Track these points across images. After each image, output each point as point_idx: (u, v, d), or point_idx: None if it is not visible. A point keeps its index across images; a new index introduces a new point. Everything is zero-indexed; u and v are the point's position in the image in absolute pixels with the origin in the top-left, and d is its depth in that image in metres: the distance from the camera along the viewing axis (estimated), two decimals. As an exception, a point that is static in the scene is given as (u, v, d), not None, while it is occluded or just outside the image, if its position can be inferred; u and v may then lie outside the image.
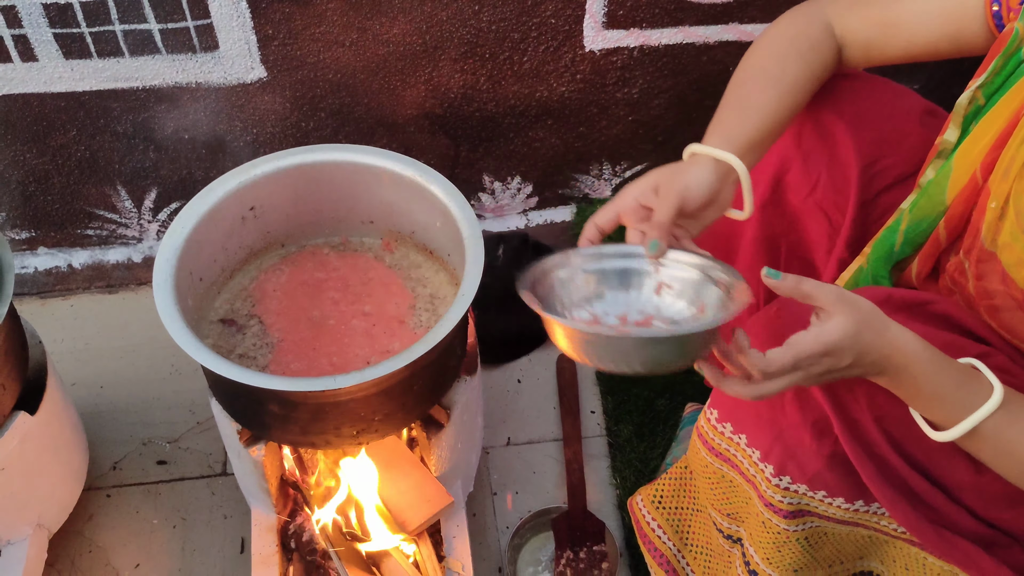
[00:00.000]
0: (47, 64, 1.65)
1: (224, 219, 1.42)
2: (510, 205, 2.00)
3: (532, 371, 1.83)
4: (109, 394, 1.80)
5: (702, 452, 1.30)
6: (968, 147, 1.19)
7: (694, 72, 1.80)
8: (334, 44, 1.68)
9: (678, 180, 1.18)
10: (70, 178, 1.82)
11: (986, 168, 1.16)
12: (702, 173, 1.19)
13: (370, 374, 1.20)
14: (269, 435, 1.36)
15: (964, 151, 1.19)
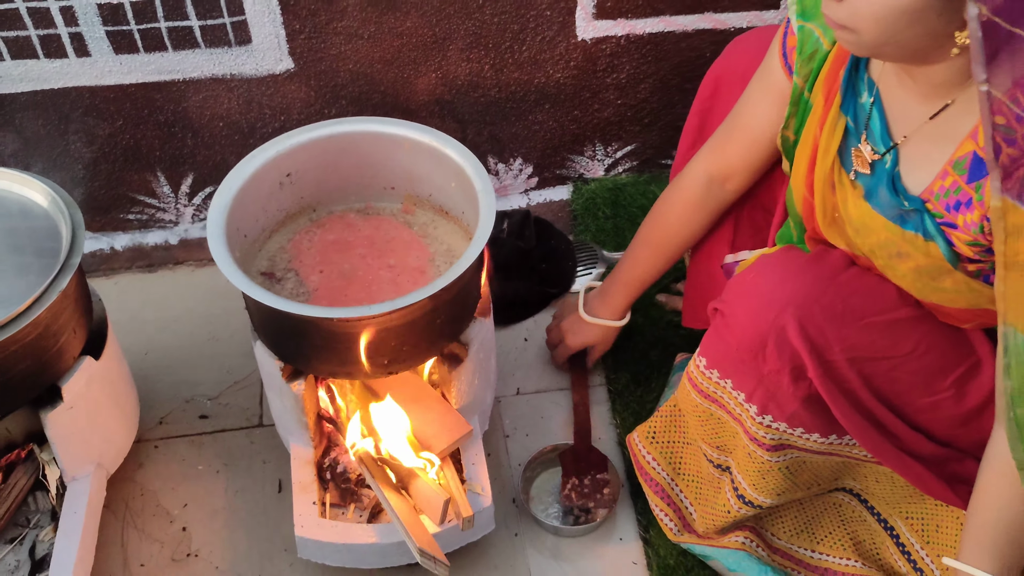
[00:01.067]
0: (99, 59, 1.84)
1: (264, 183, 1.61)
2: (512, 185, 2.20)
3: (537, 331, 2.02)
4: (153, 360, 1.98)
5: (692, 394, 1.48)
6: (796, 171, 1.43)
7: (675, 58, 2.02)
8: (354, 37, 1.88)
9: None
10: (115, 165, 2.01)
11: (809, 187, 1.40)
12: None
13: (400, 303, 1.39)
14: (310, 367, 1.55)
15: (794, 177, 1.44)
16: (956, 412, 1.36)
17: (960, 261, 1.23)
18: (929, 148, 1.22)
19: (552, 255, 2.09)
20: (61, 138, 1.94)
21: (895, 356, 1.31)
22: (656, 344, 1.93)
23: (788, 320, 1.28)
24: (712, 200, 1.64)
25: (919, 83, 1.21)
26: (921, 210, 1.23)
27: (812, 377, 1.30)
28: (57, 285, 1.44)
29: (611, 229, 2.15)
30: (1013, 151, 1.03)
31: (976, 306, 1.28)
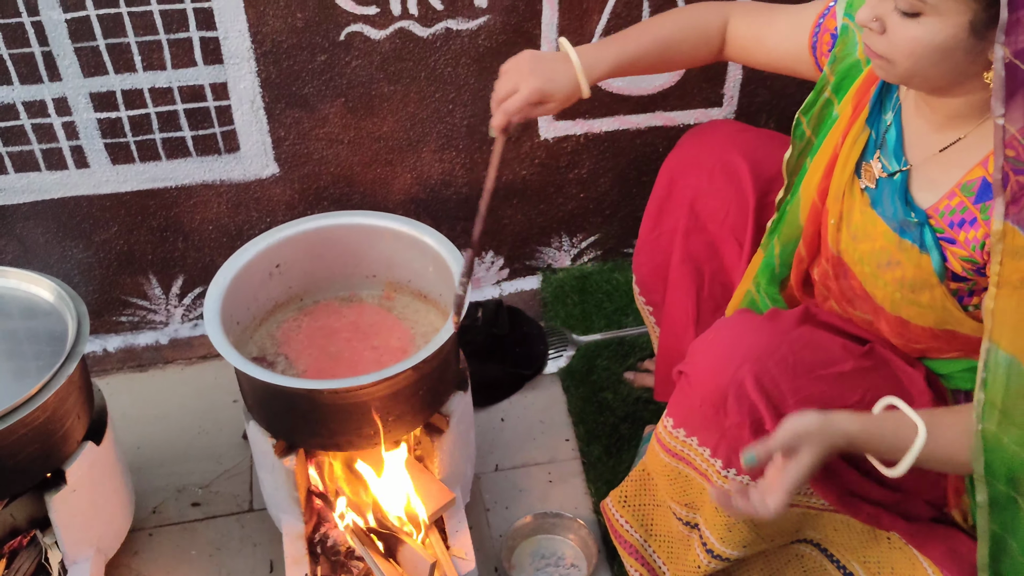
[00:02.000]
0: (97, 169, 1.99)
1: (255, 273, 1.75)
2: (485, 277, 2.34)
3: (513, 411, 2.14)
4: (146, 453, 2.07)
5: (661, 454, 1.58)
6: (809, 180, 1.56)
7: (631, 153, 2.19)
8: (335, 142, 2.04)
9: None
10: (109, 269, 2.13)
11: (822, 193, 1.53)
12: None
13: (386, 373, 1.51)
14: (302, 441, 1.65)
15: (806, 183, 1.57)
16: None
17: (946, 277, 1.34)
18: (938, 173, 1.35)
19: (525, 340, 2.22)
20: (59, 245, 2.07)
21: (845, 405, 1.40)
22: (626, 419, 2.05)
23: (746, 374, 1.38)
24: (717, 45, 1.68)
25: (936, 113, 1.35)
26: (924, 223, 1.35)
27: (769, 429, 1.37)
28: (64, 371, 1.55)
29: (579, 314, 2.28)
30: (1022, 179, 1.17)
31: (941, 325, 1.39)
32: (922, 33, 1.21)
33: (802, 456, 1.27)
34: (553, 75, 1.56)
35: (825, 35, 1.54)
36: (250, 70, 1.91)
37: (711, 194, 1.74)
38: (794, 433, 1.28)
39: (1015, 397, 1.26)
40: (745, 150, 1.73)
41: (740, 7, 1.69)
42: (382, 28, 1.91)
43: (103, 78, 1.87)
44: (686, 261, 1.79)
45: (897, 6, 1.23)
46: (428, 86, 2.00)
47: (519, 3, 1.93)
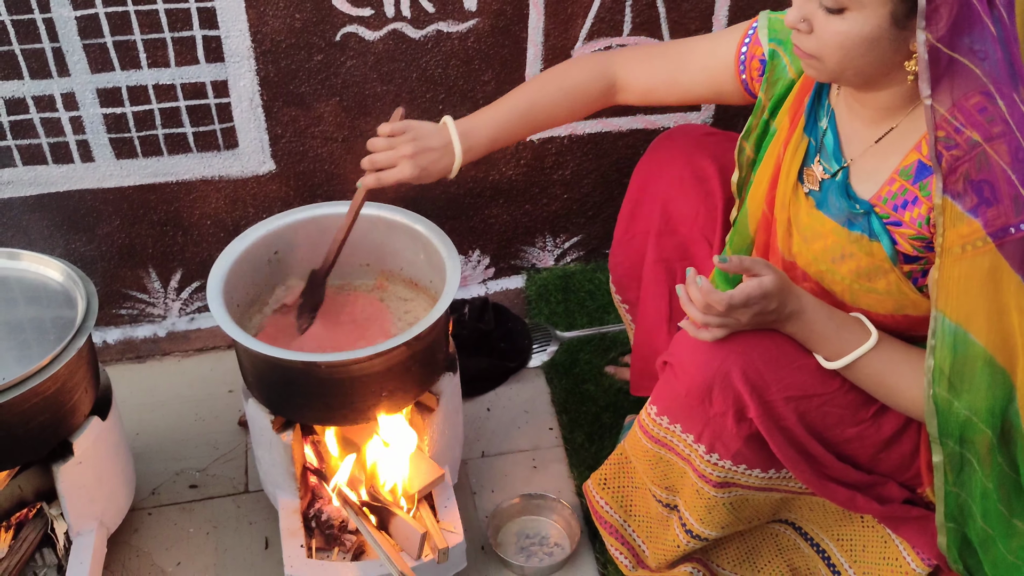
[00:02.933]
0: (101, 164, 2.07)
1: (254, 259, 1.83)
2: (472, 275, 2.43)
3: (498, 402, 2.23)
4: (144, 439, 2.14)
5: (643, 440, 1.64)
6: (755, 191, 1.67)
7: (613, 155, 2.29)
8: (330, 140, 2.13)
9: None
10: (111, 263, 2.21)
11: (770, 203, 1.64)
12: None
13: (381, 347, 1.60)
14: (299, 415, 1.73)
15: (753, 195, 1.68)
16: (877, 439, 1.55)
17: (899, 261, 1.44)
18: (876, 164, 1.46)
19: (510, 335, 2.31)
20: (63, 237, 2.15)
21: (825, 393, 1.50)
22: (607, 408, 2.14)
23: (732, 365, 1.46)
24: (601, 98, 1.81)
25: (868, 108, 1.46)
26: (870, 212, 1.45)
27: (753, 416, 1.47)
28: (75, 344, 1.63)
29: (562, 312, 2.38)
30: (956, 152, 1.28)
31: (900, 310, 1.49)
32: (848, 27, 1.32)
33: (763, 280, 1.41)
34: (428, 166, 1.68)
35: (753, 61, 1.67)
36: (250, 68, 2.00)
37: (681, 197, 1.84)
38: (765, 263, 1.42)
39: (962, 363, 1.36)
40: (713, 154, 1.83)
41: (625, 58, 1.81)
42: (376, 29, 2.01)
43: (110, 74, 1.96)
44: (659, 262, 1.89)
45: (822, 3, 1.33)
46: (419, 86, 2.10)
47: (507, 7, 2.04)
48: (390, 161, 1.67)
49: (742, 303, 1.42)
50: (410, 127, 1.69)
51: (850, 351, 1.47)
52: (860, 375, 1.49)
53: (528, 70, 2.13)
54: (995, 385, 1.36)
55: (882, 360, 1.47)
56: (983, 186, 1.29)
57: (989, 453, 1.40)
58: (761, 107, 1.66)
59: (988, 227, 1.29)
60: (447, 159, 1.69)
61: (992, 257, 1.30)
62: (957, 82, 1.27)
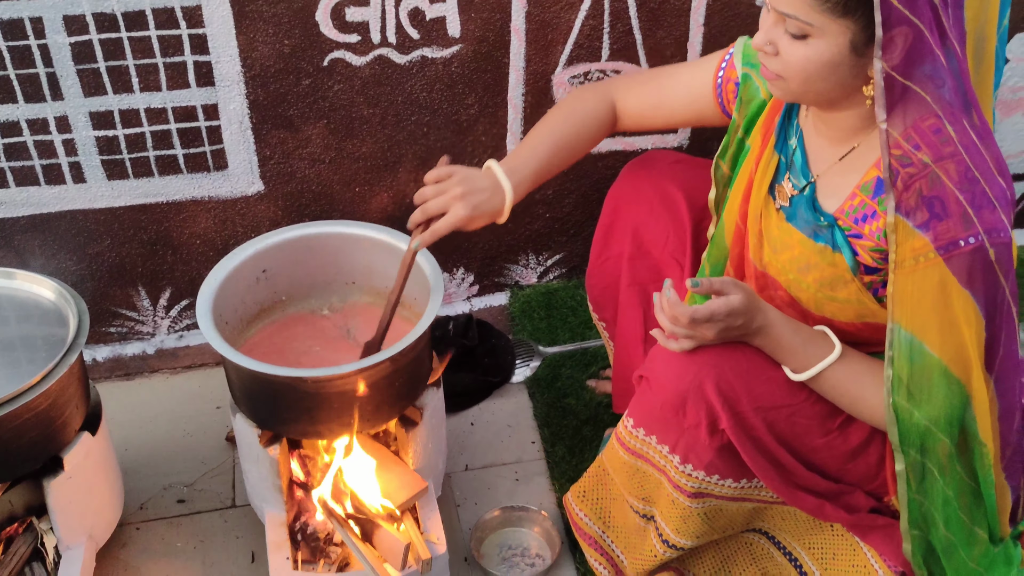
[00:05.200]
0: (93, 185, 2.12)
1: (244, 277, 1.88)
2: (456, 293, 2.48)
3: (482, 416, 2.27)
4: (132, 455, 2.17)
5: (620, 452, 1.69)
6: (730, 206, 1.74)
7: (593, 175, 2.35)
8: (317, 162, 2.18)
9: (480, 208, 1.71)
10: (101, 282, 2.25)
11: (743, 216, 1.71)
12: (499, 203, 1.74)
13: (366, 362, 1.65)
14: (286, 429, 1.77)
15: (728, 209, 1.76)
16: (844, 449, 1.60)
17: (859, 272, 1.51)
18: (840, 180, 1.53)
19: (493, 351, 2.35)
20: (54, 257, 2.19)
21: (793, 403, 1.56)
22: (588, 422, 2.19)
23: (705, 378, 1.51)
24: (609, 124, 1.88)
25: (832, 128, 1.53)
26: (833, 225, 1.52)
27: (725, 427, 1.52)
28: (66, 361, 1.67)
29: (545, 328, 2.43)
30: (911, 169, 1.35)
31: (861, 318, 1.55)
32: (810, 52, 1.40)
33: (730, 299, 1.48)
34: (480, 205, 1.70)
35: (729, 84, 1.75)
36: (239, 92, 2.06)
37: (652, 222, 1.92)
38: (734, 283, 1.49)
39: (919, 374, 1.42)
40: (680, 181, 1.91)
41: (620, 85, 1.89)
42: (363, 55, 2.06)
43: (102, 98, 2.01)
44: (632, 284, 1.96)
45: (787, 30, 1.41)
46: (405, 110, 2.16)
47: (489, 34, 2.10)
48: (442, 206, 1.69)
49: (706, 318, 1.48)
50: (456, 171, 1.72)
51: (815, 363, 1.53)
52: (825, 386, 1.55)
53: (510, 94, 2.19)
54: (951, 395, 1.42)
55: (845, 372, 1.54)
56: (934, 202, 1.36)
57: (948, 462, 1.46)
58: (735, 126, 1.73)
59: (937, 241, 1.36)
60: (497, 198, 1.72)
61: (941, 270, 1.37)
62: (911, 107, 1.35)
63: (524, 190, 1.77)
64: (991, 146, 1.40)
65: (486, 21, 2.09)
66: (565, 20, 2.13)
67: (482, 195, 1.70)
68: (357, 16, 2.02)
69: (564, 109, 1.86)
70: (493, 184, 1.72)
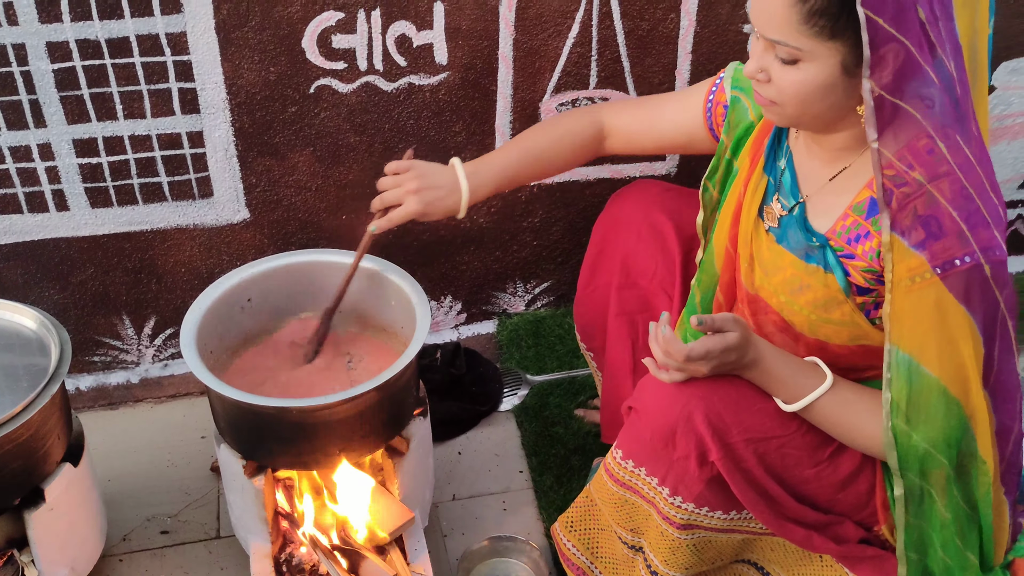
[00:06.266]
0: (76, 213, 2.10)
1: (228, 306, 1.86)
2: (444, 321, 2.47)
3: (469, 445, 2.26)
4: (116, 486, 2.15)
5: (609, 483, 1.68)
6: (719, 230, 1.74)
7: (581, 203, 2.34)
8: (303, 189, 2.17)
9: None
10: (84, 310, 2.23)
11: (733, 240, 1.71)
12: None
13: (351, 392, 1.63)
14: (271, 459, 1.75)
15: (717, 234, 1.75)
16: (835, 479, 1.59)
17: (852, 292, 1.50)
18: (831, 200, 1.53)
19: (481, 379, 2.34)
20: (36, 285, 2.17)
21: (784, 434, 1.55)
22: (576, 451, 2.18)
23: (695, 410, 1.50)
24: (592, 143, 1.89)
25: (824, 149, 1.53)
26: (825, 245, 1.51)
27: (714, 459, 1.51)
28: (48, 391, 1.65)
29: (533, 356, 2.42)
30: (906, 189, 1.35)
31: (855, 340, 1.55)
32: (803, 76, 1.39)
33: (727, 336, 1.47)
34: (434, 202, 1.75)
35: (718, 108, 1.75)
36: (225, 120, 2.05)
37: (639, 252, 1.91)
38: (734, 319, 1.48)
39: (917, 395, 1.41)
40: (668, 210, 1.91)
41: (611, 109, 1.90)
42: (349, 82, 2.06)
43: (86, 125, 2.00)
44: (621, 315, 1.95)
45: (778, 56, 1.41)
46: (392, 137, 2.15)
47: (477, 61, 2.10)
48: (396, 198, 1.75)
49: (701, 356, 1.47)
50: (415, 165, 1.78)
51: (806, 394, 1.52)
52: (817, 416, 1.54)
53: (498, 121, 2.18)
54: (950, 416, 1.41)
55: (837, 401, 1.52)
56: (930, 221, 1.35)
57: (946, 485, 1.46)
58: (723, 148, 1.73)
59: (934, 260, 1.36)
60: (453, 197, 1.77)
61: (938, 289, 1.36)
62: (902, 127, 1.34)
63: (484, 192, 1.80)
64: (984, 161, 1.39)
65: (473, 48, 2.09)
66: (553, 48, 2.13)
67: (437, 192, 1.75)
68: (344, 43, 2.01)
69: (547, 124, 1.89)
70: (451, 182, 1.77)
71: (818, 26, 1.34)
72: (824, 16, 1.33)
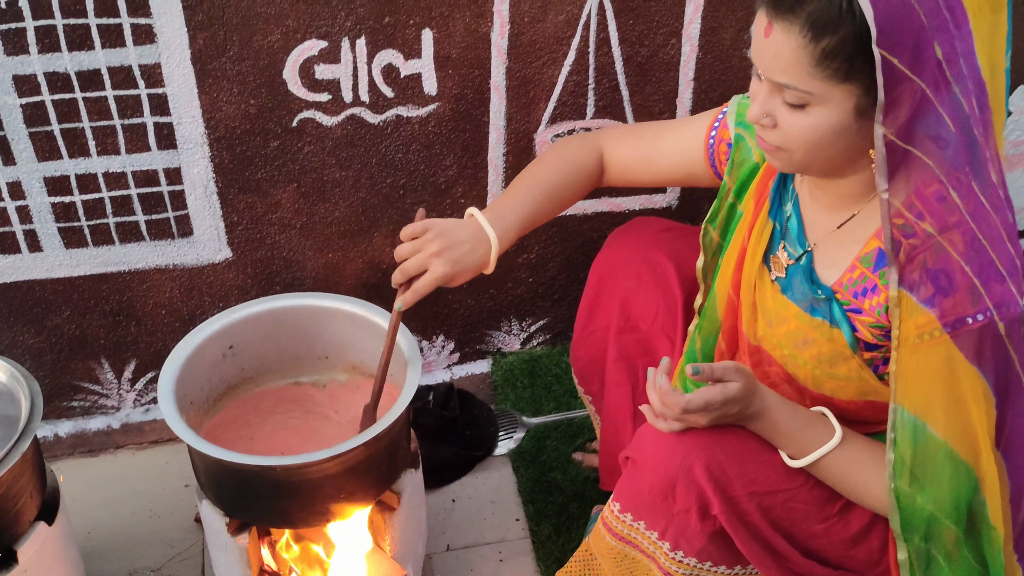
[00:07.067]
0: (50, 254, 2.01)
1: (209, 354, 1.77)
2: (436, 361, 2.37)
3: (464, 492, 2.16)
4: (96, 538, 2.06)
5: (607, 537, 1.60)
6: (722, 275, 1.65)
7: (578, 238, 2.25)
8: (287, 227, 2.08)
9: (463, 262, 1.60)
10: (61, 354, 2.14)
11: (736, 286, 1.62)
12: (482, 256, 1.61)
13: (338, 449, 1.54)
14: (255, 518, 1.66)
15: (720, 279, 1.66)
16: (845, 535, 1.50)
17: (859, 348, 1.42)
18: (837, 250, 1.44)
19: (475, 422, 2.24)
20: (10, 330, 2.07)
21: (789, 488, 1.47)
22: (575, 498, 2.08)
23: (695, 461, 1.42)
24: (596, 174, 1.78)
25: (829, 196, 1.44)
26: (831, 298, 1.43)
27: (717, 513, 1.43)
28: (18, 449, 1.55)
29: (529, 397, 2.32)
30: (914, 240, 1.26)
31: (863, 396, 1.46)
32: (813, 122, 1.30)
33: (728, 387, 1.39)
34: (462, 259, 1.58)
35: (721, 145, 1.66)
36: (203, 155, 1.96)
37: (639, 294, 1.82)
38: (736, 368, 1.40)
39: (922, 456, 1.33)
40: (670, 250, 1.81)
41: (609, 136, 1.80)
42: (334, 115, 1.97)
43: (57, 162, 1.91)
44: (620, 359, 1.86)
45: (785, 100, 1.31)
46: (379, 172, 2.06)
47: (467, 91, 2.01)
48: (420, 265, 1.57)
49: (700, 408, 1.39)
50: (431, 224, 1.59)
51: (814, 449, 1.44)
52: (825, 473, 1.46)
53: (490, 154, 2.10)
54: (958, 477, 1.33)
55: (847, 458, 1.44)
56: (940, 276, 1.27)
57: (956, 547, 1.37)
58: (726, 190, 1.64)
59: (944, 318, 1.28)
60: (480, 250, 1.60)
61: (947, 348, 1.28)
62: (913, 174, 1.26)
63: (510, 239, 1.65)
64: (1000, 208, 1.30)
65: (464, 78, 2.00)
66: (548, 76, 2.04)
67: (462, 248, 1.58)
68: (327, 74, 1.93)
69: (550, 157, 1.76)
70: (475, 234, 1.60)
71: (831, 68, 1.25)
72: (838, 58, 1.24)
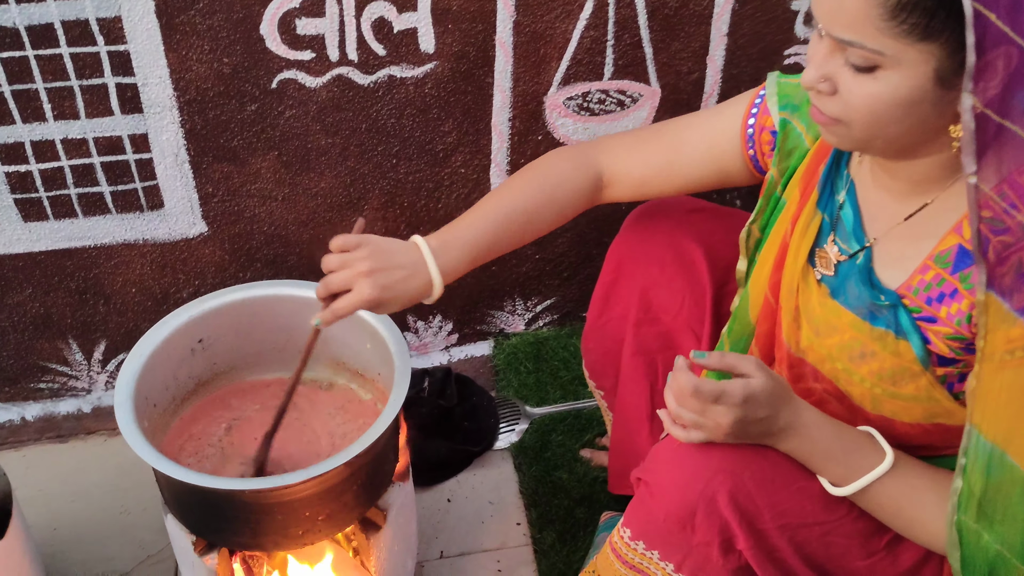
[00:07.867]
0: (6, 227, 1.82)
1: (176, 349, 1.58)
2: (433, 342, 2.18)
3: (460, 491, 1.98)
4: (63, 535, 1.90)
5: (616, 564, 1.41)
6: (757, 274, 1.43)
7: (591, 211, 2.02)
8: (268, 199, 1.88)
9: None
10: (24, 334, 1.96)
11: (774, 288, 1.39)
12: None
13: (314, 471, 1.35)
14: (223, 540, 1.48)
15: (755, 278, 1.44)
16: (893, 572, 1.31)
17: (931, 363, 1.21)
18: (904, 247, 1.23)
19: (474, 413, 2.06)
20: (-34, 308, 1.90)
21: (828, 520, 1.28)
22: (582, 502, 1.90)
23: (718, 488, 1.24)
24: (589, 196, 1.56)
25: (898, 180, 1.22)
26: (897, 305, 1.21)
27: (743, 548, 1.26)
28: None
29: (533, 384, 2.13)
30: (1006, 237, 1.04)
31: (931, 419, 1.26)
32: (881, 89, 1.08)
33: (750, 381, 1.21)
34: (393, 286, 1.36)
35: (763, 134, 1.42)
36: (173, 120, 1.75)
37: (663, 285, 1.62)
38: (758, 363, 1.22)
39: (995, 490, 1.13)
40: (699, 235, 1.61)
41: (608, 146, 1.56)
42: (318, 75, 1.76)
43: (9, 128, 1.71)
44: (638, 354, 1.66)
45: (849, 60, 1.09)
46: (370, 139, 1.85)
47: (470, 49, 1.79)
48: (344, 283, 1.35)
49: (714, 397, 1.19)
50: (367, 241, 1.37)
51: (861, 475, 1.23)
52: (871, 503, 1.26)
53: (495, 119, 1.88)
54: None
55: (899, 486, 1.24)
56: None
57: None
58: (773, 183, 1.41)
59: None
60: (417, 280, 1.38)
61: None
62: (1007, 154, 1.03)
63: (458, 272, 1.42)
64: None
65: (465, 33, 1.78)
66: (561, 31, 1.81)
67: (395, 274, 1.36)
68: (310, 29, 1.71)
69: (527, 175, 1.53)
70: (415, 262, 1.38)
71: (908, 24, 1.02)
72: (916, 11, 1.01)
